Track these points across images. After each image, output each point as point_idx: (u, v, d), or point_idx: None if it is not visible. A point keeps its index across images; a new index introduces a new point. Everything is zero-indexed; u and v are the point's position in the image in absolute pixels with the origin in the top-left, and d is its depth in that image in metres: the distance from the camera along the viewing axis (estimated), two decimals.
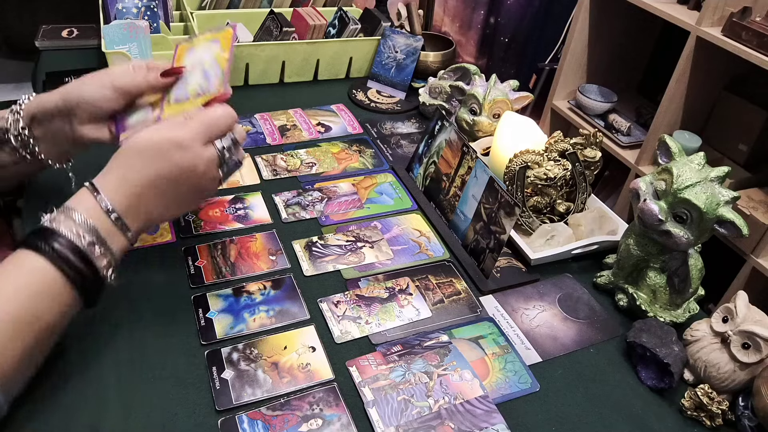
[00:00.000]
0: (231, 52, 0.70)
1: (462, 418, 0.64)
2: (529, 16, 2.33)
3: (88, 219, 0.59)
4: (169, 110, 0.70)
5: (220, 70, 0.69)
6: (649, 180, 0.74)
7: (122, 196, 0.61)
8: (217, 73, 0.69)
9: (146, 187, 0.62)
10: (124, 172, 0.62)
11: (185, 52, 0.73)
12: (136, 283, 0.75)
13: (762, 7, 1.40)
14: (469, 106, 1.08)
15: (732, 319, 0.66)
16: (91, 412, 0.60)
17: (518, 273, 0.85)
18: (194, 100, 0.69)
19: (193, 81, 0.70)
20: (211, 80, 0.69)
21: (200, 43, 0.72)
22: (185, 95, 0.70)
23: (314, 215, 0.91)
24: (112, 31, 1.13)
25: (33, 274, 0.55)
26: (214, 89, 0.69)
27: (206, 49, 0.71)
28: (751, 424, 0.64)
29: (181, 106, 0.70)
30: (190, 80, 0.71)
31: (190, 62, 0.72)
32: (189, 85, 0.70)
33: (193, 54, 0.72)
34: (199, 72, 0.70)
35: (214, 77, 0.69)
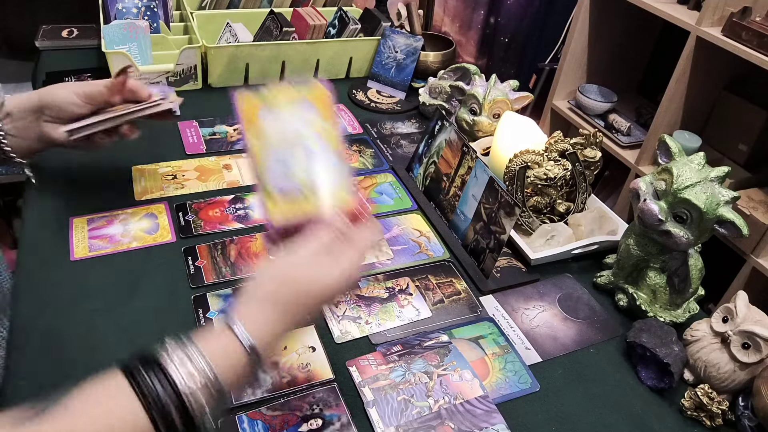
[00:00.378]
0: (335, 120, 0.53)
1: (462, 418, 0.64)
2: (529, 16, 2.33)
3: (213, 364, 0.47)
4: (277, 207, 0.51)
5: (333, 153, 0.53)
6: (649, 180, 0.74)
7: (263, 342, 0.50)
8: (331, 159, 0.53)
9: (290, 327, 0.52)
10: (273, 316, 0.50)
11: (259, 112, 0.53)
12: (136, 283, 0.75)
13: (762, 7, 1.40)
14: (469, 106, 1.08)
15: (732, 319, 0.66)
16: None
17: (518, 273, 0.85)
18: (311, 197, 0.52)
19: (296, 165, 0.52)
20: (325, 167, 0.53)
21: (282, 102, 0.53)
22: (293, 186, 0.52)
23: None
24: (112, 31, 1.13)
25: (123, 416, 0.45)
26: (334, 182, 0.53)
27: (297, 115, 0.53)
28: (751, 424, 0.64)
29: (296, 205, 0.52)
30: (290, 162, 0.51)
31: (275, 131, 0.52)
32: (290, 169, 0.51)
33: (277, 119, 0.53)
34: (300, 151, 0.52)
35: (329, 164, 0.53)
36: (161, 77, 1.17)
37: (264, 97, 0.53)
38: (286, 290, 0.51)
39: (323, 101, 0.53)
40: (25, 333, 0.67)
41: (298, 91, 0.53)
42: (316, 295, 0.51)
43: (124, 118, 0.82)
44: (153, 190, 0.92)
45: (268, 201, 0.51)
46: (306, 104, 0.53)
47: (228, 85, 1.24)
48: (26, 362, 0.64)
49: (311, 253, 0.51)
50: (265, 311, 0.50)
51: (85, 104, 0.82)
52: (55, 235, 0.81)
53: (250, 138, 0.51)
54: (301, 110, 0.53)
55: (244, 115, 0.52)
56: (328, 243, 0.52)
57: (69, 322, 0.69)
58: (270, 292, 0.51)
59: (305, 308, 0.51)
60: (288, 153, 0.52)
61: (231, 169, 0.99)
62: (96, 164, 0.96)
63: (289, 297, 0.50)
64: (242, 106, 0.52)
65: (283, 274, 0.51)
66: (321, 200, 0.52)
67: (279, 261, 0.52)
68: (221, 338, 0.48)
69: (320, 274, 0.51)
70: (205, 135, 1.07)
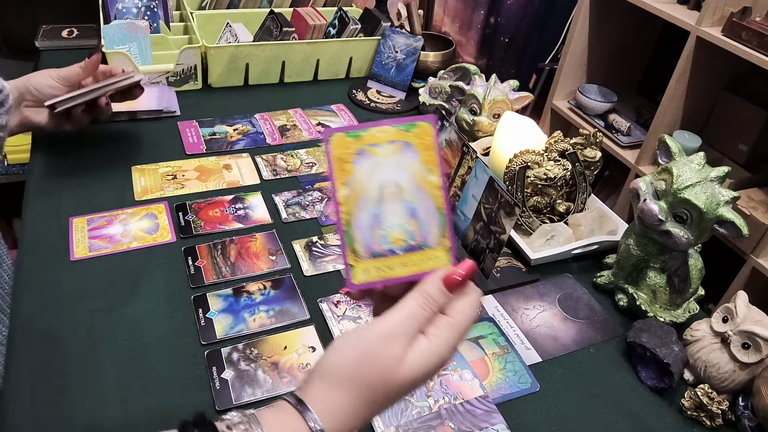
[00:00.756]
0: (440, 168, 0.45)
1: (462, 418, 0.64)
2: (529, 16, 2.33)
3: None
4: (361, 265, 0.45)
5: (434, 206, 0.45)
6: (649, 180, 0.74)
7: (335, 426, 0.42)
8: (431, 213, 0.45)
9: (365, 416, 0.43)
10: (347, 399, 0.41)
11: (353, 157, 0.45)
12: (136, 283, 0.75)
13: (762, 7, 1.40)
14: (469, 106, 1.08)
15: (732, 319, 0.66)
16: (91, 412, 0.60)
17: (518, 273, 0.85)
18: (404, 259, 0.45)
19: (393, 221, 0.45)
20: (423, 223, 0.45)
21: (381, 146, 0.45)
22: (386, 246, 0.45)
23: (314, 215, 0.91)
24: (112, 31, 1.13)
25: None
26: (433, 243, 0.45)
27: (396, 162, 0.45)
28: (751, 424, 0.64)
29: (384, 266, 0.45)
30: (383, 217, 0.45)
31: (369, 180, 0.45)
32: (382, 225, 0.45)
33: (374, 166, 0.45)
34: (398, 205, 0.45)
35: (429, 220, 0.45)
36: (161, 77, 1.17)
37: (361, 138, 0.45)
38: (367, 371, 0.41)
39: (426, 143, 0.45)
40: (25, 333, 0.67)
41: (400, 132, 0.45)
42: (402, 382, 0.41)
43: (102, 90, 0.92)
44: (153, 190, 0.92)
45: (351, 257, 0.45)
46: (407, 148, 0.45)
47: (228, 85, 1.24)
48: (26, 362, 0.64)
49: (401, 329, 0.42)
50: (340, 394, 0.41)
51: (62, 86, 0.91)
52: (55, 235, 0.81)
53: (339, 185, 0.44)
54: (402, 156, 0.45)
55: (336, 159, 0.44)
56: (421, 318, 0.42)
57: (69, 322, 0.69)
58: (348, 372, 0.41)
59: (387, 397, 0.42)
60: (382, 207, 0.45)
61: (231, 169, 0.99)
62: (96, 164, 0.96)
63: (370, 379, 0.41)
64: (335, 149, 0.44)
65: (365, 352, 0.41)
66: (415, 263, 0.45)
67: (362, 333, 0.42)
68: (290, 422, 0.41)
69: (411, 357, 0.41)
70: (205, 135, 1.07)
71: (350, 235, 0.44)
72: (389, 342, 0.41)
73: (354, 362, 0.41)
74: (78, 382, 0.63)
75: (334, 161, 0.44)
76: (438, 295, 0.43)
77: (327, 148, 0.44)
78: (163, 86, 1.17)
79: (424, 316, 0.42)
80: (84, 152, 0.98)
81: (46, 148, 0.97)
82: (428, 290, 0.43)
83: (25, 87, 0.89)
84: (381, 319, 0.42)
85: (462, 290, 0.44)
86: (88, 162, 0.96)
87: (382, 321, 0.42)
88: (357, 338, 0.42)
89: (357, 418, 0.41)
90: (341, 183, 0.44)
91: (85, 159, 0.96)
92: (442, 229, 0.45)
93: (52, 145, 0.97)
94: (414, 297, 0.43)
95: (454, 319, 0.43)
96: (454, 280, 0.44)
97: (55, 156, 0.96)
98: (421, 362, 0.41)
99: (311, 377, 0.42)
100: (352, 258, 0.44)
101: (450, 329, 0.43)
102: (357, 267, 0.44)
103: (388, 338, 0.41)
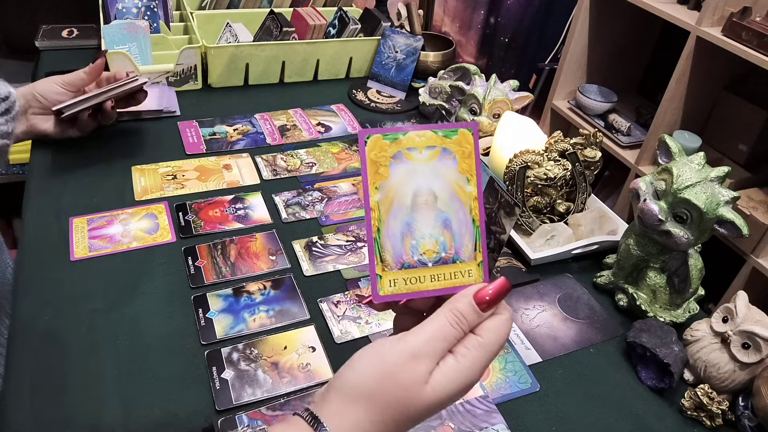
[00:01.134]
0: (479, 178, 0.43)
1: (462, 418, 0.64)
2: (529, 16, 2.33)
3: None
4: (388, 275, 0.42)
5: (469, 218, 0.43)
6: (649, 180, 0.74)
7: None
8: (466, 225, 0.43)
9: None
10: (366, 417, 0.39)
11: (389, 161, 0.42)
12: (136, 283, 0.75)
13: (762, 7, 1.40)
14: (469, 106, 1.08)
15: (732, 319, 0.66)
16: (91, 412, 0.60)
17: (518, 273, 0.85)
18: (435, 272, 0.43)
19: (425, 231, 0.43)
20: (457, 235, 0.43)
21: (418, 149, 0.43)
22: (417, 257, 0.43)
23: (314, 215, 0.91)
24: (112, 31, 1.13)
25: None
26: (465, 256, 0.43)
27: (433, 168, 0.43)
28: (751, 424, 0.64)
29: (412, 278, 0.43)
30: (419, 226, 0.43)
31: (403, 186, 0.42)
32: (413, 234, 0.43)
33: (410, 171, 0.42)
34: (432, 214, 0.43)
35: (463, 232, 0.43)
36: (161, 77, 1.17)
37: (399, 142, 0.42)
38: (389, 390, 0.39)
39: (466, 151, 0.43)
40: (25, 333, 0.67)
41: (439, 138, 0.43)
42: (426, 404, 0.39)
43: (108, 94, 0.93)
44: (153, 190, 0.92)
45: (379, 266, 0.42)
46: (446, 154, 0.43)
47: (228, 85, 1.24)
48: (26, 362, 0.64)
49: (428, 349, 0.39)
50: (358, 411, 0.39)
51: (67, 91, 0.93)
52: (55, 235, 0.81)
53: (372, 189, 0.42)
54: (440, 162, 0.43)
55: (371, 162, 0.42)
56: (451, 337, 0.40)
57: (69, 322, 0.69)
58: (368, 390, 0.39)
59: (409, 419, 0.39)
60: (415, 215, 0.43)
61: (231, 169, 0.99)
62: (96, 164, 0.96)
63: (391, 399, 0.39)
64: (371, 151, 0.42)
65: (388, 370, 0.39)
66: (445, 277, 0.43)
67: (386, 349, 0.40)
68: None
69: (437, 378, 0.39)
70: (205, 135, 1.07)
71: (380, 243, 0.42)
72: (415, 361, 0.39)
73: (375, 380, 0.39)
74: (78, 382, 0.63)
75: (369, 164, 0.42)
76: (469, 313, 0.41)
77: (362, 149, 0.42)
78: (163, 86, 1.17)
79: (454, 335, 0.40)
80: (84, 152, 0.98)
81: (46, 148, 0.97)
82: (460, 308, 0.41)
83: (31, 94, 0.91)
84: (407, 335, 0.40)
85: (494, 309, 0.41)
86: (88, 162, 0.96)
87: (409, 338, 0.40)
88: (380, 355, 0.40)
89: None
90: (374, 187, 0.42)
91: (85, 159, 0.96)
92: (476, 242, 0.43)
93: (52, 145, 0.97)
94: (444, 314, 0.40)
95: (484, 339, 0.40)
96: (487, 298, 0.41)
97: (55, 156, 0.96)
98: (447, 384, 0.39)
99: (328, 392, 0.40)
100: (380, 267, 0.42)
101: (479, 350, 0.40)
102: (385, 277, 0.42)
103: (414, 357, 0.39)
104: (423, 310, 0.43)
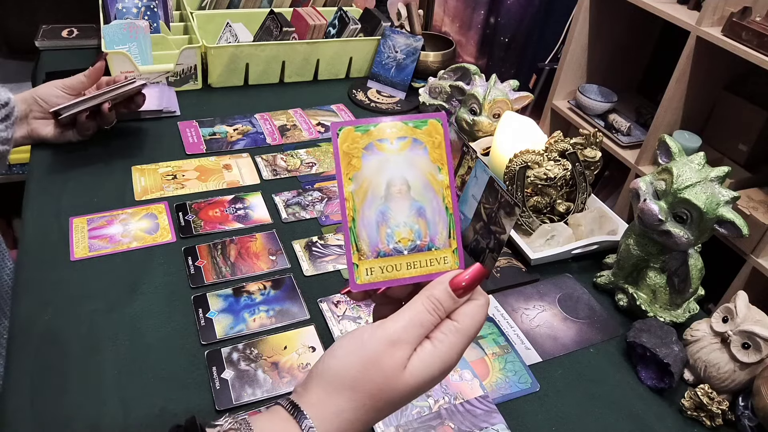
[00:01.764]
0: (450, 167, 0.44)
1: (462, 418, 0.64)
2: (529, 16, 2.33)
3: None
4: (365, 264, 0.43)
5: (442, 206, 0.44)
6: (649, 180, 0.74)
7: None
8: (439, 213, 0.44)
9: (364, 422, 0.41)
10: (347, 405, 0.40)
11: (362, 152, 0.43)
12: (136, 283, 0.75)
13: (762, 7, 1.40)
14: (469, 106, 1.08)
15: (732, 319, 0.66)
16: (91, 412, 0.60)
17: (518, 273, 0.85)
18: (411, 259, 0.43)
19: (400, 220, 0.43)
20: (431, 223, 0.44)
21: (390, 141, 0.44)
22: (392, 246, 0.43)
23: (314, 215, 0.91)
24: (112, 31, 1.13)
25: None
26: (440, 243, 0.44)
27: (405, 158, 0.44)
28: (751, 424, 0.64)
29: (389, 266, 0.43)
30: (393, 215, 0.43)
31: (377, 176, 0.43)
32: (388, 223, 0.43)
33: (382, 162, 0.43)
34: (406, 203, 0.43)
35: (437, 220, 0.44)
36: (161, 77, 1.17)
37: (370, 133, 0.43)
38: (371, 377, 0.39)
39: (436, 141, 0.44)
40: (25, 333, 0.67)
41: (410, 128, 0.44)
42: (404, 390, 0.40)
43: (106, 95, 0.93)
44: (153, 190, 0.92)
45: (355, 255, 0.43)
46: (417, 144, 0.44)
47: (228, 85, 1.24)
48: (26, 362, 0.64)
49: (406, 335, 0.40)
50: (341, 400, 0.39)
51: (68, 95, 0.94)
52: (55, 235, 0.81)
53: (345, 180, 0.43)
54: (411, 152, 0.44)
55: (343, 153, 0.43)
56: (428, 323, 0.41)
57: (69, 322, 0.69)
58: (348, 377, 0.40)
59: (388, 404, 0.40)
60: (389, 204, 0.43)
61: (231, 169, 0.99)
62: (96, 164, 0.96)
63: (373, 386, 0.39)
64: (343, 142, 0.43)
65: (367, 357, 0.40)
66: (421, 265, 0.43)
67: (365, 337, 0.41)
68: (285, 428, 0.39)
69: (415, 364, 0.40)
70: (205, 135, 1.07)
71: (355, 233, 0.43)
72: (394, 347, 0.40)
73: (356, 368, 0.40)
74: (78, 382, 0.63)
75: (342, 155, 0.43)
76: (446, 299, 0.41)
77: (334, 141, 0.43)
78: (163, 86, 1.17)
79: (431, 321, 0.41)
80: (84, 152, 0.98)
81: (46, 148, 0.97)
82: (436, 294, 0.41)
83: (32, 98, 0.92)
84: (386, 323, 0.41)
85: (470, 294, 0.42)
86: (88, 162, 0.96)
87: (387, 325, 0.40)
88: (360, 343, 0.40)
89: (358, 424, 0.40)
90: (348, 178, 0.43)
91: (85, 159, 0.96)
92: (450, 230, 0.44)
93: (52, 145, 0.97)
94: (421, 301, 0.41)
95: (461, 324, 0.41)
96: (463, 284, 0.42)
97: (55, 156, 0.97)
98: (425, 368, 0.40)
99: (309, 382, 0.41)
100: (357, 257, 0.43)
101: (456, 335, 0.41)
102: (361, 266, 0.43)
103: (393, 343, 0.40)
104: (401, 298, 0.44)
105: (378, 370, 0.39)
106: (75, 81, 0.94)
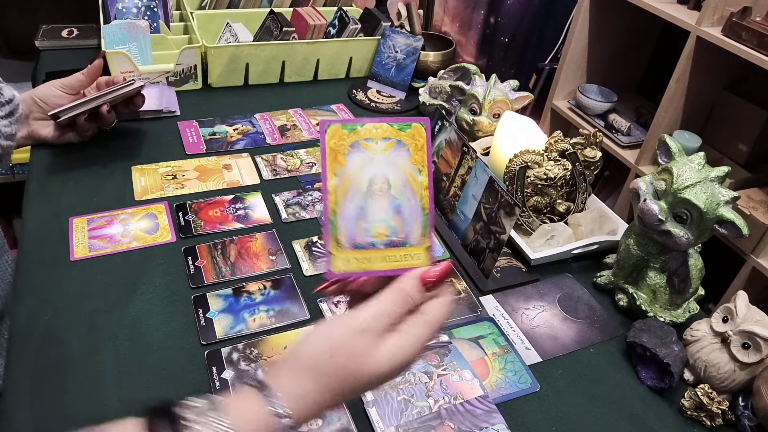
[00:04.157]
0: (429, 169, 0.47)
1: (462, 418, 0.64)
2: (529, 16, 2.33)
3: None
4: (342, 255, 0.46)
5: (419, 206, 0.46)
6: (649, 180, 0.74)
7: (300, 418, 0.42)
8: (416, 212, 0.46)
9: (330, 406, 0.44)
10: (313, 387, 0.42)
11: (347, 149, 0.46)
12: (136, 283, 0.75)
13: (762, 7, 1.40)
14: (469, 106, 1.08)
15: (732, 319, 0.66)
16: (91, 412, 0.60)
17: (518, 273, 0.85)
18: (384, 254, 0.46)
19: (378, 216, 0.46)
20: (407, 221, 0.46)
21: (374, 140, 0.46)
22: (369, 239, 0.46)
23: (314, 215, 0.91)
24: (112, 31, 1.13)
25: None
26: (414, 241, 0.46)
27: (388, 158, 0.46)
28: (751, 424, 0.64)
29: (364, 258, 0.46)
30: (369, 210, 0.46)
31: (360, 173, 0.46)
32: (367, 218, 0.46)
33: (366, 160, 0.46)
34: (385, 201, 0.46)
35: (413, 218, 0.46)
36: (161, 77, 1.17)
37: (357, 132, 0.46)
38: (337, 362, 0.42)
39: (418, 144, 0.47)
40: (25, 333, 0.67)
41: (394, 130, 0.46)
42: (369, 376, 0.42)
43: (105, 98, 0.92)
44: (153, 190, 0.92)
45: (333, 245, 0.46)
46: (400, 146, 0.47)
47: (228, 85, 1.24)
48: (26, 362, 0.64)
49: (375, 324, 0.42)
50: (307, 382, 0.42)
51: (66, 94, 0.94)
52: (55, 235, 0.81)
53: (330, 175, 0.45)
54: (394, 153, 0.46)
55: (330, 149, 0.45)
56: (395, 314, 0.43)
57: (69, 322, 0.69)
58: (317, 361, 0.42)
59: (353, 389, 0.43)
60: (369, 200, 0.46)
61: (231, 169, 0.99)
62: (96, 164, 0.96)
63: (338, 371, 0.42)
64: (330, 139, 0.46)
65: (336, 343, 0.42)
66: (394, 259, 0.46)
67: (335, 324, 0.43)
68: (255, 407, 0.41)
69: (381, 352, 0.42)
70: (205, 135, 1.07)
71: (335, 225, 0.45)
72: (361, 335, 0.42)
73: (324, 353, 0.42)
74: (78, 382, 0.63)
75: (328, 151, 0.45)
76: (414, 292, 0.44)
77: (322, 137, 0.46)
78: (163, 86, 1.17)
79: (397, 312, 0.43)
80: (84, 152, 0.98)
81: (46, 148, 0.97)
82: (404, 287, 0.44)
83: (32, 99, 0.92)
84: (355, 312, 0.43)
85: (438, 290, 0.45)
86: (88, 162, 0.96)
87: (355, 314, 0.43)
88: (329, 330, 0.43)
89: (322, 406, 0.42)
90: (332, 173, 0.45)
91: (85, 159, 0.96)
92: (424, 229, 0.46)
93: (52, 145, 0.97)
94: (390, 293, 0.44)
95: (427, 316, 0.44)
96: (431, 280, 0.45)
97: (55, 156, 0.97)
98: (390, 357, 0.42)
99: (279, 365, 0.43)
100: (334, 247, 0.46)
101: (422, 327, 0.44)
102: (338, 256, 0.46)
103: (361, 332, 0.42)
104: (374, 293, 0.45)
105: (345, 356, 0.42)
106: (73, 80, 0.94)
